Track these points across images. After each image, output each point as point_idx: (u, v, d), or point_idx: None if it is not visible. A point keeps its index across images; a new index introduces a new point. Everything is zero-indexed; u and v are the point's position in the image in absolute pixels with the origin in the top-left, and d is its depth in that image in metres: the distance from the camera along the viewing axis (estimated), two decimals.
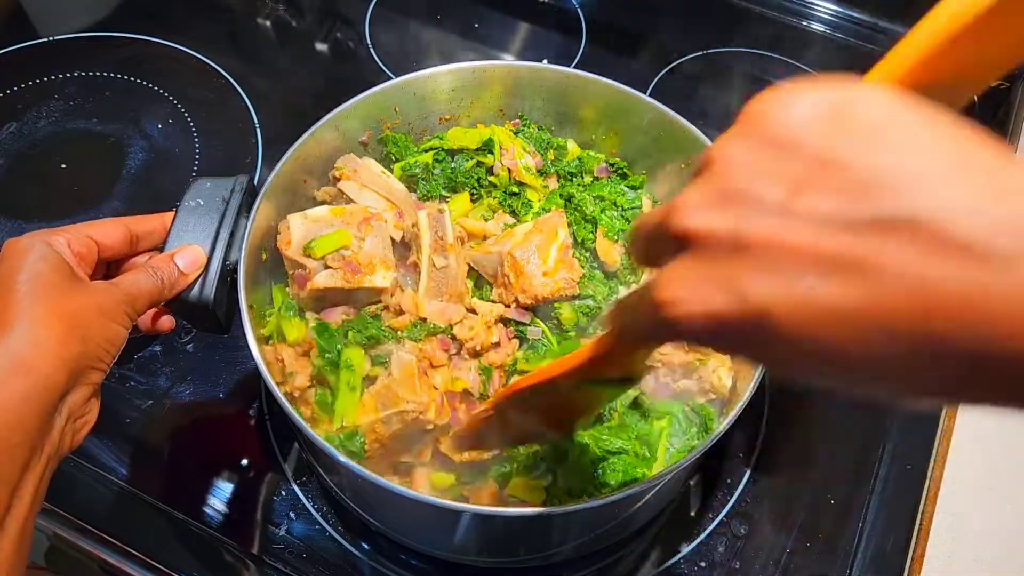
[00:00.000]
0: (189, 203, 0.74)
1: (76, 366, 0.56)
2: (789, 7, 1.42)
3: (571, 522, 0.73)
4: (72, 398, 0.57)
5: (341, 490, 0.83)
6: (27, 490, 0.53)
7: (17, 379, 0.52)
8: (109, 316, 0.60)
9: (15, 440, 0.51)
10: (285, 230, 0.80)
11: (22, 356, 0.53)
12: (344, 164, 0.87)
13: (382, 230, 0.81)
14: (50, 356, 0.54)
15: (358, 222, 0.81)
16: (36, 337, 0.54)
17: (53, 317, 0.55)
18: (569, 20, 1.40)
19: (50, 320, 0.55)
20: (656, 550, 0.88)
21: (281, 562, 0.84)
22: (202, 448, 0.92)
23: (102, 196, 1.11)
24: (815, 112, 0.31)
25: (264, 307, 0.82)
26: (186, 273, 0.69)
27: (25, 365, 0.53)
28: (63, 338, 0.55)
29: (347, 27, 1.37)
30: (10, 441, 0.51)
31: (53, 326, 0.55)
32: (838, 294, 0.28)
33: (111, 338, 0.60)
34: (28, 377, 0.53)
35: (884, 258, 0.28)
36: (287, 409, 0.68)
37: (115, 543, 0.82)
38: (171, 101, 1.23)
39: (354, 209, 0.82)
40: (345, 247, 0.78)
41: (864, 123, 0.30)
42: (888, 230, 0.28)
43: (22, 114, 1.19)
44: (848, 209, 0.28)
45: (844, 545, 0.88)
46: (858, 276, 0.28)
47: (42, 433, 0.54)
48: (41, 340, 0.54)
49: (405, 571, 0.85)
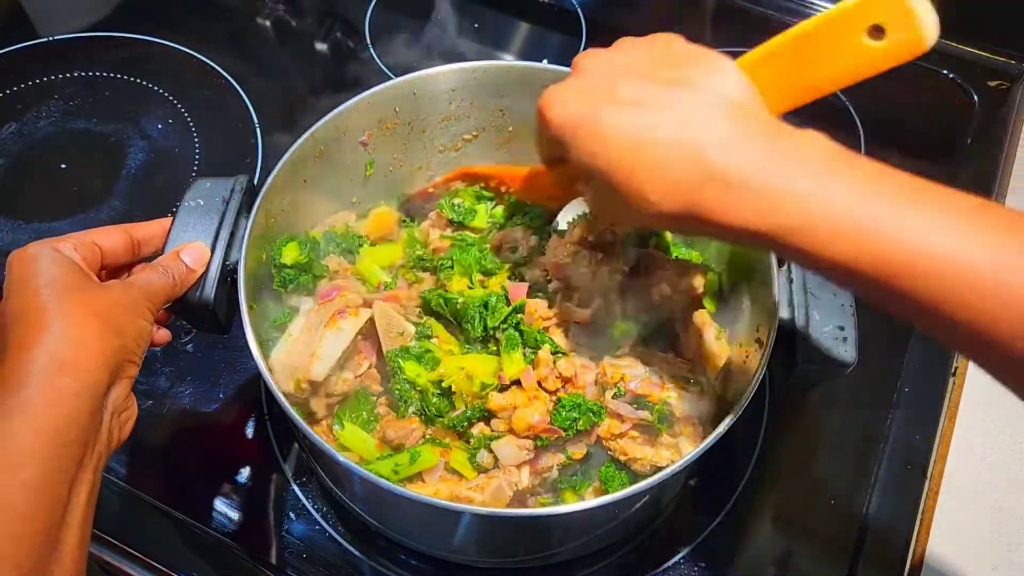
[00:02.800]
0: (189, 203, 0.74)
1: (116, 360, 0.57)
2: (789, 7, 1.41)
3: (571, 522, 0.73)
4: (114, 393, 0.58)
5: (341, 490, 0.83)
6: (83, 486, 0.54)
7: (65, 377, 0.53)
8: (135, 311, 0.61)
9: (71, 436, 0.52)
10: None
11: (65, 354, 0.53)
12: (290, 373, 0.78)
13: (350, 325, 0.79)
14: (93, 353, 0.55)
15: (327, 318, 0.78)
16: (76, 335, 0.55)
17: (87, 314, 0.56)
18: (569, 20, 1.40)
19: (85, 317, 0.56)
20: (656, 550, 0.88)
21: (281, 562, 0.84)
22: (202, 448, 0.92)
23: (102, 196, 1.11)
24: (642, 41, 0.59)
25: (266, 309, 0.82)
26: (194, 268, 0.70)
27: (71, 363, 0.53)
28: (100, 333, 0.56)
29: (347, 27, 1.37)
30: (67, 437, 0.52)
31: (90, 323, 0.56)
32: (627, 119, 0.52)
33: (141, 332, 0.61)
34: (75, 375, 0.53)
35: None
36: (287, 409, 0.68)
37: (115, 543, 0.82)
38: (171, 101, 1.23)
39: (326, 309, 0.80)
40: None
41: (673, 52, 0.58)
42: (673, 82, 0.53)
43: (22, 114, 1.19)
44: (644, 82, 0.54)
45: (844, 545, 0.88)
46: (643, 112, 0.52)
47: (93, 428, 0.55)
48: (82, 337, 0.55)
49: (405, 571, 0.85)
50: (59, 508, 0.51)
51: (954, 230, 0.45)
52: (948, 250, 0.45)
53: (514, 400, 0.75)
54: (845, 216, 0.47)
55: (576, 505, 0.66)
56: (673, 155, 0.51)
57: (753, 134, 0.51)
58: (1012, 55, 1.35)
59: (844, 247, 0.47)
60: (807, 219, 0.48)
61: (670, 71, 0.55)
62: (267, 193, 0.78)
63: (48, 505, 0.50)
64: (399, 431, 0.77)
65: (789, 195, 0.48)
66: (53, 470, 0.51)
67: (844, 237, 0.47)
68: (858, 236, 0.47)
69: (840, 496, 0.92)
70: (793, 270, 0.75)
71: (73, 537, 0.52)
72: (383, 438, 0.79)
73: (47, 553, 0.50)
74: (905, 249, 0.45)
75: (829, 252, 0.48)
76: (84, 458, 0.54)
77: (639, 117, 0.52)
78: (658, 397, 0.75)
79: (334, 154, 0.87)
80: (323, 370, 0.76)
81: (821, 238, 0.48)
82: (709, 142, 0.50)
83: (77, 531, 0.53)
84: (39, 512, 0.50)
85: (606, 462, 0.79)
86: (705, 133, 0.50)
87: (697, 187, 0.50)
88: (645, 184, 0.52)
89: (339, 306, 0.79)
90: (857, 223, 0.47)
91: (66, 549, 0.52)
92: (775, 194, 0.49)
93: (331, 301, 0.80)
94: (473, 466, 0.76)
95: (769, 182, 0.49)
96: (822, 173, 0.48)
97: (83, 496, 0.54)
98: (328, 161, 0.87)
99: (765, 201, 0.49)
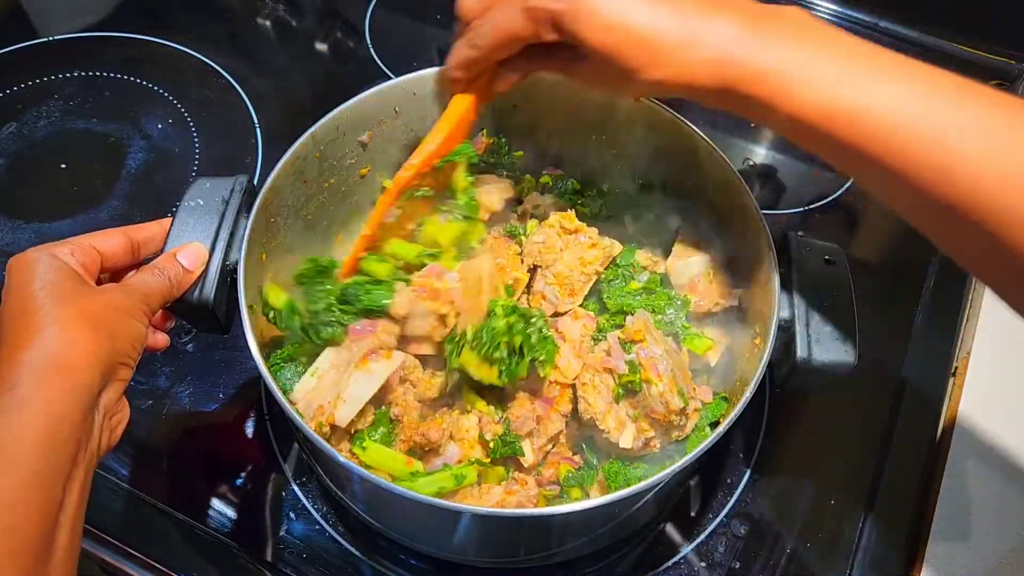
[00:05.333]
0: (189, 203, 0.74)
1: (108, 363, 0.57)
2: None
3: (571, 522, 0.73)
4: (106, 395, 0.58)
5: (341, 490, 0.83)
6: (76, 485, 0.54)
7: (57, 377, 0.53)
8: (129, 314, 0.61)
9: (64, 435, 0.52)
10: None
11: (59, 355, 0.54)
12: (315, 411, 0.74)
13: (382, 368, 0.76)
14: (85, 354, 0.55)
15: (358, 358, 0.75)
16: (69, 337, 0.55)
17: (80, 317, 0.57)
18: None
19: (78, 320, 0.56)
20: (656, 550, 0.88)
21: (281, 562, 0.84)
22: (202, 448, 0.92)
23: (102, 196, 1.11)
24: None
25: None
26: (191, 270, 0.70)
27: (63, 363, 0.54)
28: (93, 336, 0.56)
29: (347, 27, 1.37)
30: (60, 436, 0.52)
31: (82, 326, 0.56)
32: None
33: (135, 335, 0.61)
34: (68, 374, 0.54)
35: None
36: (287, 409, 0.68)
37: (115, 543, 0.82)
38: (171, 101, 1.23)
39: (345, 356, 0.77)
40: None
41: None
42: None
43: (22, 114, 1.19)
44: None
45: (844, 545, 0.88)
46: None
47: (85, 429, 0.55)
48: (74, 340, 0.55)
49: (405, 571, 0.85)
50: (54, 507, 0.52)
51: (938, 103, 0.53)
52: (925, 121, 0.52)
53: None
54: (826, 67, 0.56)
55: (576, 505, 0.66)
56: (676, 39, 0.59)
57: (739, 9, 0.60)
58: (1012, 55, 1.35)
59: (816, 95, 0.55)
60: (785, 64, 0.57)
61: None
62: (267, 193, 0.78)
63: (44, 504, 0.51)
64: (427, 432, 0.77)
65: (775, 46, 0.58)
66: (48, 468, 0.51)
67: (820, 85, 0.56)
68: (835, 89, 0.55)
69: (840, 496, 0.92)
70: (793, 269, 0.75)
71: (65, 537, 0.52)
72: (411, 444, 0.78)
73: (43, 553, 0.50)
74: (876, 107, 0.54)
75: (799, 98, 0.56)
76: (77, 456, 0.54)
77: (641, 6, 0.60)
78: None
79: (334, 154, 0.87)
80: (348, 415, 0.73)
81: (796, 84, 0.56)
82: (710, 29, 0.59)
83: (68, 532, 0.53)
84: (36, 511, 0.50)
85: (612, 460, 0.79)
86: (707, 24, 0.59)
87: (692, 59, 0.59)
88: (649, 66, 0.60)
89: (372, 346, 0.76)
90: (839, 77, 0.55)
91: (59, 550, 0.52)
92: (758, 48, 0.58)
93: (363, 339, 0.76)
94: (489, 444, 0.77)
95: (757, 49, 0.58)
96: (803, 36, 0.58)
97: (74, 496, 0.54)
98: (329, 160, 0.87)
99: (741, 51, 0.58)
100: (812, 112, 0.56)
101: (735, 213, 0.84)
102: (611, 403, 0.78)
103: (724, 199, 0.85)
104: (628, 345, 0.79)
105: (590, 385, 0.79)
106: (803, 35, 0.58)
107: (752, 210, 0.80)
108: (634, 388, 0.77)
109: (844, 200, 1.19)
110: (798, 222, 1.16)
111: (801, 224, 1.16)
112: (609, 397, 0.78)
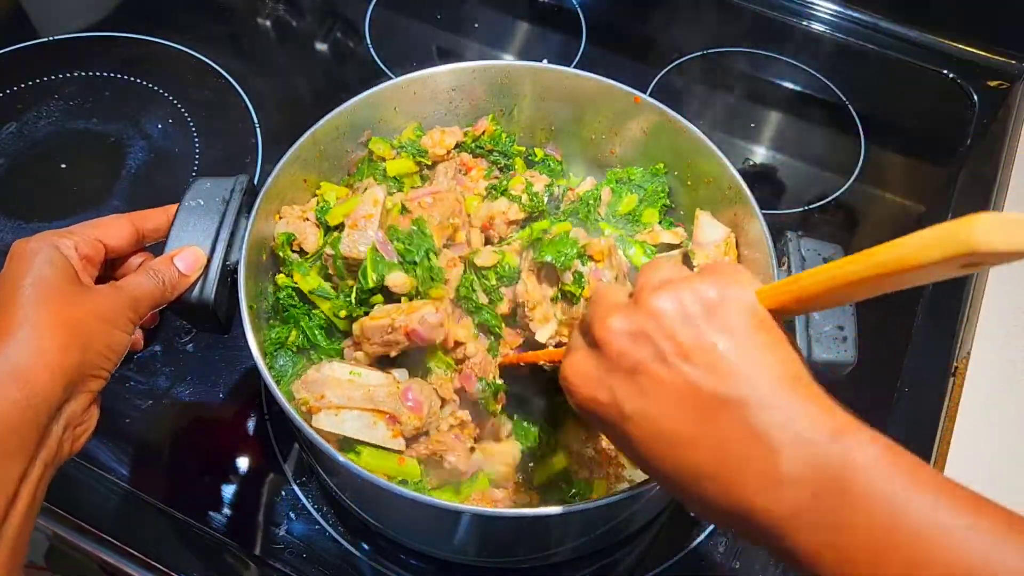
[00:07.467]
0: (189, 203, 0.74)
1: (75, 375, 0.56)
2: (789, 7, 1.41)
3: (570, 523, 0.73)
4: (71, 407, 0.57)
5: (341, 490, 0.83)
6: (23, 498, 0.53)
7: (14, 388, 0.52)
8: (111, 322, 0.60)
9: (10, 448, 0.52)
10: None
11: (21, 365, 0.53)
12: (305, 393, 0.74)
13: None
14: (50, 366, 0.54)
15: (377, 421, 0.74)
16: (36, 346, 0.54)
17: (55, 325, 0.56)
18: (569, 20, 1.40)
19: (52, 328, 0.55)
20: (656, 550, 0.88)
21: (281, 562, 0.84)
22: (202, 448, 0.92)
23: (102, 196, 1.11)
24: (700, 304, 0.47)
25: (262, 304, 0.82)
26: (186, 275, 0.69)
27: (23, 374, 0.53)
28: (64, 346, 0.56)
29: (347, 27, 1.37)
30: (5, 449, 0.51)
31: (55, 335, 0.55)
32: (672, 422, 0.47)
33: (113, 345, 0.60)
34: (25, 387, 0.53)
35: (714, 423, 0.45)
36: (287, 409, 0.68)
37: (115, 543, 0.82)
38: (171, 101, 1.23)
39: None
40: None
41: (725, 322, 0.46)
42: (718, 404, 0.45)
43: (22, 114, 1.19)
44: (701, 378, 0.45)
45: None
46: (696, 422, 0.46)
47: (38, 442, 0.54)
48: (42, 349, 0.54)
49: (405, 571, 0.85)
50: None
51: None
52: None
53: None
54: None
55: (576, 505, 0.66)
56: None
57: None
58: (1012, 55, 1.35)
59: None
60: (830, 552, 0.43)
61: (710, 372, 0.46)
62: (267, 193, 0.78)
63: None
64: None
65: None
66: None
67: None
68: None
69: None
70: (793, 269, 0.75)
71: (5, 550, 0.51)
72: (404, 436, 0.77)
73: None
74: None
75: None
76: (27, 470, 0.53)
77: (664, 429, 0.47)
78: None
79: (334, 153, 0.87)
80: (326, 427, 0.73)
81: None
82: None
83: (11, 544, 0.52)
84: None
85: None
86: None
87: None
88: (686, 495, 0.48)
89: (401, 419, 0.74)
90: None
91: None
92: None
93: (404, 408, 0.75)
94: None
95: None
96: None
97: (20, 509, 0.52)
98: (328, 161, 0.87)
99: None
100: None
101: (735, 213, 0.84)
102: (548, 300, 0.79)
103: (724, 199, 0.85)
104: (585, 259, 0.79)
105: (536, 276, 0.81)
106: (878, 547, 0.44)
107: (752, 210, 0.80)
108: (572, 300, 0.78)
109: (844, 200, 1.19)
110: (798, 222, 1.16)
111: (801, 224, 1.16)
112: (549, 295, 0.80)
